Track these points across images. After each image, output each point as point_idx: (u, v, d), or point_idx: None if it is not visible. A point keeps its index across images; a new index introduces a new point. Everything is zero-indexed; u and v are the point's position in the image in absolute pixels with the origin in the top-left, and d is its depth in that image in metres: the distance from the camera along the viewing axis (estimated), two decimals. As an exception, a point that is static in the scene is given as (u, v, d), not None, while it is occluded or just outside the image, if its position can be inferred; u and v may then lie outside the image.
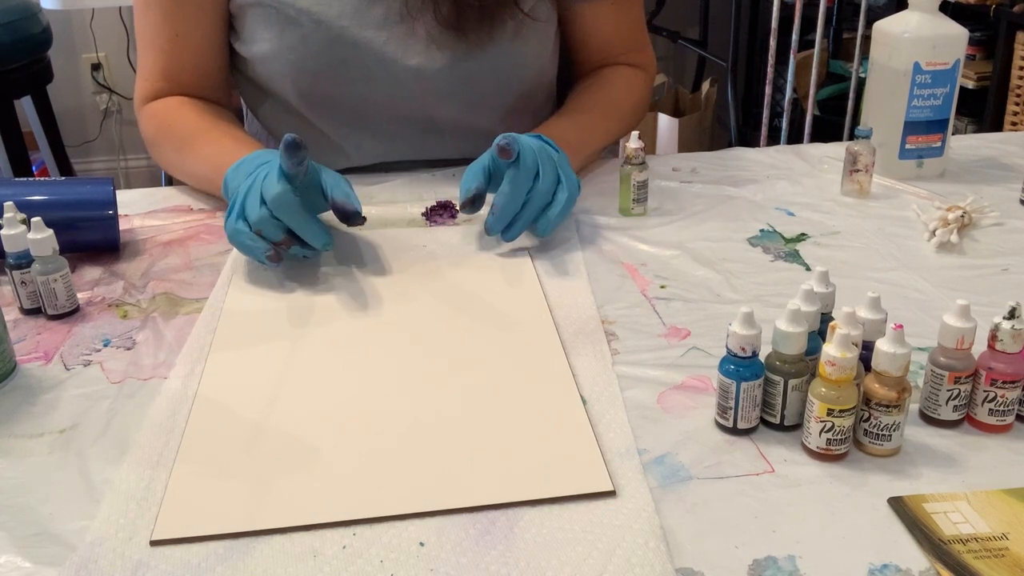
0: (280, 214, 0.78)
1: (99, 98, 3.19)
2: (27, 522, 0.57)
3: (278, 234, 0.79)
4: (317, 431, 0.64)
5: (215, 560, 0.53)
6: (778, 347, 0.61)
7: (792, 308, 0.60)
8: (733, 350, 0.61)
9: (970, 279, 0.83)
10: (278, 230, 0.79)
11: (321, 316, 0.78)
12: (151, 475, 0.60)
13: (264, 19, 0.98)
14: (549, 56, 1.08)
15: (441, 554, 0.53)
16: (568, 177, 0.87)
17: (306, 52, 0.98)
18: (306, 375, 0.70)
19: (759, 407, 0.62)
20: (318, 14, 0.96)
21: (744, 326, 0.60)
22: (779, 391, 0.61)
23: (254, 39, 1.00)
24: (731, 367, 0.61)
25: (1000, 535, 0.54)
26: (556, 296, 0.80)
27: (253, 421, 0.65)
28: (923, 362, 0.64)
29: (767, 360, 0.62)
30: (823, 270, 0.65)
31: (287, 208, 0.78)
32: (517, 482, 0.58)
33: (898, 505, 0.56)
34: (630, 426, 0.63)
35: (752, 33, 3.11)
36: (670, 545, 0.53)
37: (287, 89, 1.01)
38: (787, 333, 0.60)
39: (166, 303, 0.82)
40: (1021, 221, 0.94)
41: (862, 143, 0.97)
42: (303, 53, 0.98)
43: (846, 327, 0.58)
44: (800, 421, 0.62)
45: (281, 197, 0.78)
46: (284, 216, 0.78)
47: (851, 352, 0.57)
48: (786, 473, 0.59)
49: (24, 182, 0.90)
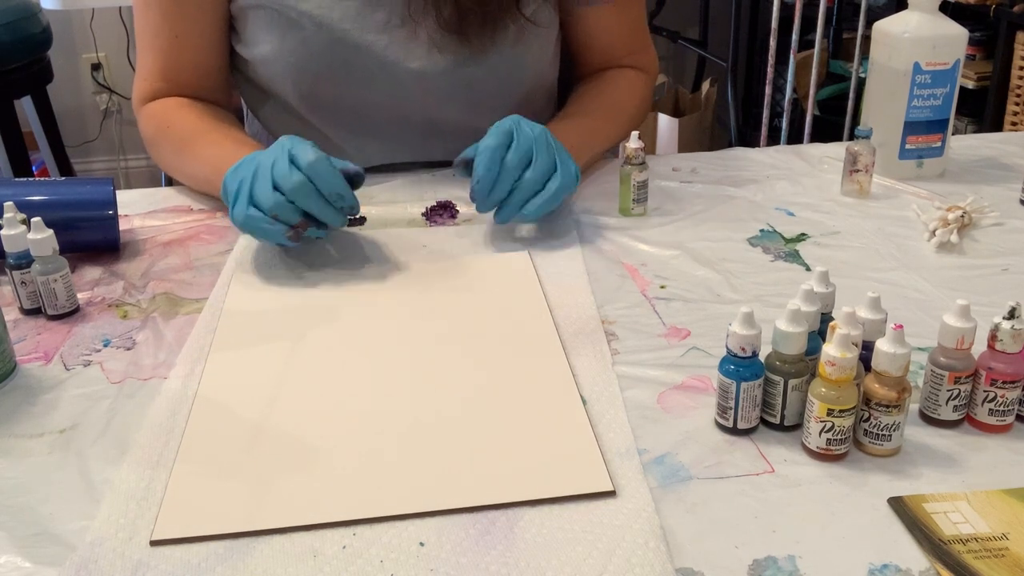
0: (298, 199, 0.79)
1: (99, 98, 3.19)
2: (27, 522, 0.57)
3: (295, 217, 0.80)
4: (317, 431, 0.64)
5: (215, 560, 0.53)
6: (778, 347, 0.61)
7: (792, 308, 0.60)
8: (733, 350, 0.61)
9: (970, 279, 0.83)
10: (295, 213, 0.80)
11: (321, 316, 0.78)
12: (151, 475, 0.60)
13: (265, 21, 0.98)
14: (550, 59, 1.08)
15: (441, 554, 0.53)
16: (565, 166, 0.87)
17: (307, 55, 0.98)
18: (306, 375, 0.70)
19: (759, 407, 0.62)
20: (320, 17, 0.96)
21: (744, 326, 0.60)
22: (779, 391, 0.61)
23: (255, 41, 1.00)
24: (731, 367, 0.61)
25: (1000, 535, 0.54)
26: (556, 296, 0.80)
27: (253, 421, 0.65)
28: (923, 362, 0.64)
29: (767, 360, 0.62)
30: (823, 270, 0.65)
31: (305, 193, 0.79)
32: (517, 482, 0.58)
33: (898, 505, 0.56)
34: (630, 426, 0.63)
35: (752, 33, 3.10)
36: (670, 545, 0.53)
37: (288, 91, 1.01)
38: (787, 333, 0.60)
39: (166, 303, 0.82)
40: (1021, 221, 0.94)
41: (862, 143, 0.97)
42: (304, 56, 0.98)
43: (846, 327, 0.58)
44: (800, 421, 0.62)
45: (301, 186, 0.79)
46: (302, 201, 0.80)
47: (851, 352, 0.57)
48: (786, 473, 0.59)
49: (24, 182, 0.91)
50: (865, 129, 0.97)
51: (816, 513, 0.56)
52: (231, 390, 0.68)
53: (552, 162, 0.87)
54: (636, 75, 1.12)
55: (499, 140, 0.86)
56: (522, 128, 0.87)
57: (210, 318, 0.78)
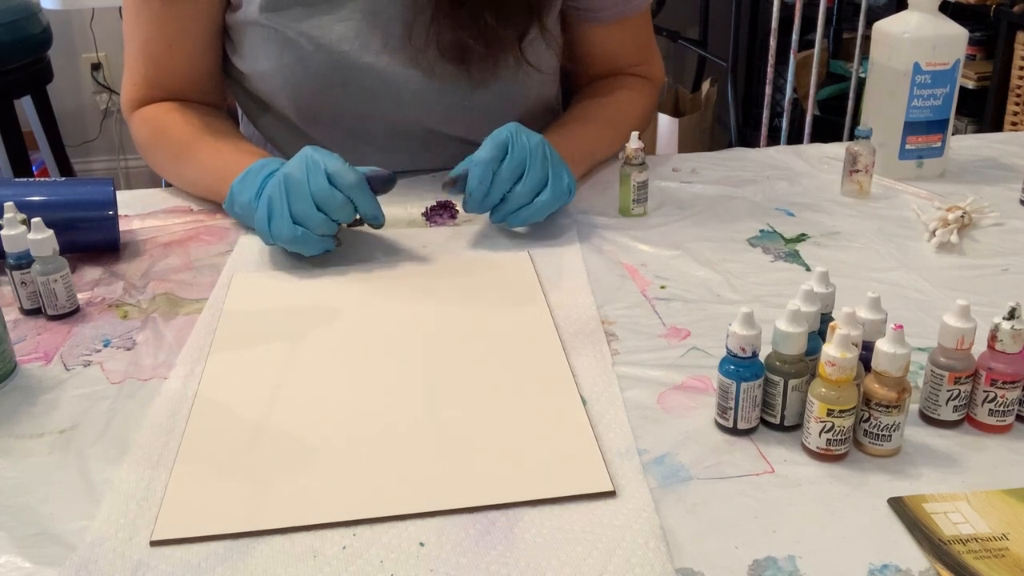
0: (340, 218, 0.82)
1: (99, 98, 3.20)
2: (28, 522, 0.57)
3: (351, 215, 0.83)
4: (317, 431, 0.64)
5: (215, 560, 0.53)
6: (778, 347, 0.61)
7: (792, 308, 0.60)
8: (733, 350, 0.61)
9: (970, 279, 0.83)
10: (352, 211, 0.83)
11: (321, 317, 0.78)
12: (151, 475, 0.60)
13: (263, 38, 0.97)
14: (552, 77, 1.08)
15: (441, 554, 0.53)
16: (557, 179, 0.88)
17: (305, 73, 0.97)
18: (306, 375, 0.70)
19: (759, 407, 0.62)
20: (318, 38, 0.95)
21: (744, 326, 0.60)
22: (779, 391, 0.61)
23: (252, 56, 0.99)
24: (731, 367, 0.61)
25: (1000, 535, 0.54)
26: (556, 296, 0.80)
27: (253, 421, 0.65)
28: (923, 362, 0.64)
29: (767, 360, 0.62)
30: (823, 270, 0.65)
31: (348, 213, 0.82)
32: (517, 482, 0.58)
33: (898, 505, 0.56)
34: (630, 426, 0.63)
35: (752, 33, 3.11)
36: (670, 545, 0.53)
37: (285, 104, 1.01)
38: (787, 333, 0.60)
39: (166, 303, 0.82)
40: (1021, 221, 0.94)
41: (862, 143, 0.97)
42: (301, 74, 0.97)
43: (846, 327, 0.58)
44: (800, 421, 0.62)
45: (344, 206, 0.81)
46: (358, 198, 0.82)
47: (851, 352, 0.57)
48: (786, 473, 0.59)
49: (24, 182, 0.91)
50: (865, 129, 0.97)
51: (816, 513, 0.56)
52: (231, 390, 0.68)
53: (544, 176, 0.87)
54: (641, 83, 1.12)
55: (492, 154, 0.86)
56: (519, 138, 0.87)
57: (210, 318, 0.78)
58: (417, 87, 0.98)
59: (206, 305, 0.81)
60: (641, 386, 0.68)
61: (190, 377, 0.70)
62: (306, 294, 0.82)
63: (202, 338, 0.75)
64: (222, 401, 0.67)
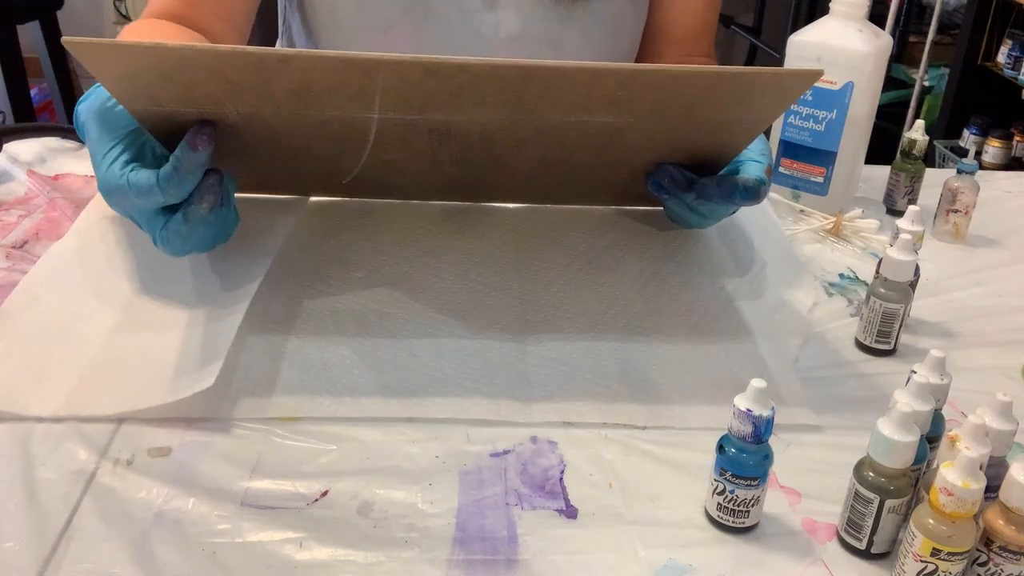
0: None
1: (120, 28, 3.06)
2: None
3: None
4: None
5: None
6: (878, 457, 0.47)
7: (904, 411, 0.46)
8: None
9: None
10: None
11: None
12: None
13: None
14: (636, 40, 0.95)
15: None
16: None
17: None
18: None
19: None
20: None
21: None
22: (871, 511, 0.48)
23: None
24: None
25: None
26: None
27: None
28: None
29: (858, 469, 0.48)
30: (940, 355, 0.51)
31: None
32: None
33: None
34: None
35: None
36: None
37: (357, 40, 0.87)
38: (894, 443, 0.46)
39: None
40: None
41: (964, 179, 0.81)
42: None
43: (973, 445, 0.44)
44: (891, 549, 0.48)
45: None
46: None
47: (977, 483, 0.43)
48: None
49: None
50: (970, 164, 0.81)
51: None
52: None
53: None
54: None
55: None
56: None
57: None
58: (505, 32, 0.85)
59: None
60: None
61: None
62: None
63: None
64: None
